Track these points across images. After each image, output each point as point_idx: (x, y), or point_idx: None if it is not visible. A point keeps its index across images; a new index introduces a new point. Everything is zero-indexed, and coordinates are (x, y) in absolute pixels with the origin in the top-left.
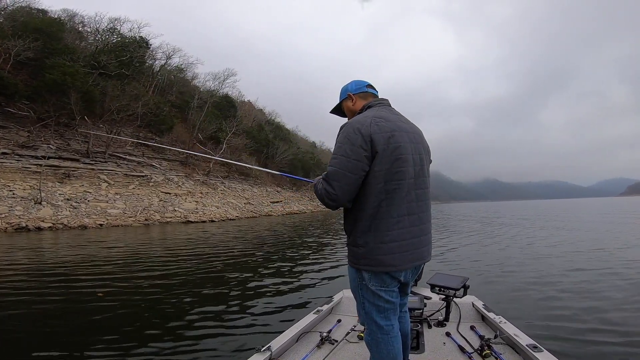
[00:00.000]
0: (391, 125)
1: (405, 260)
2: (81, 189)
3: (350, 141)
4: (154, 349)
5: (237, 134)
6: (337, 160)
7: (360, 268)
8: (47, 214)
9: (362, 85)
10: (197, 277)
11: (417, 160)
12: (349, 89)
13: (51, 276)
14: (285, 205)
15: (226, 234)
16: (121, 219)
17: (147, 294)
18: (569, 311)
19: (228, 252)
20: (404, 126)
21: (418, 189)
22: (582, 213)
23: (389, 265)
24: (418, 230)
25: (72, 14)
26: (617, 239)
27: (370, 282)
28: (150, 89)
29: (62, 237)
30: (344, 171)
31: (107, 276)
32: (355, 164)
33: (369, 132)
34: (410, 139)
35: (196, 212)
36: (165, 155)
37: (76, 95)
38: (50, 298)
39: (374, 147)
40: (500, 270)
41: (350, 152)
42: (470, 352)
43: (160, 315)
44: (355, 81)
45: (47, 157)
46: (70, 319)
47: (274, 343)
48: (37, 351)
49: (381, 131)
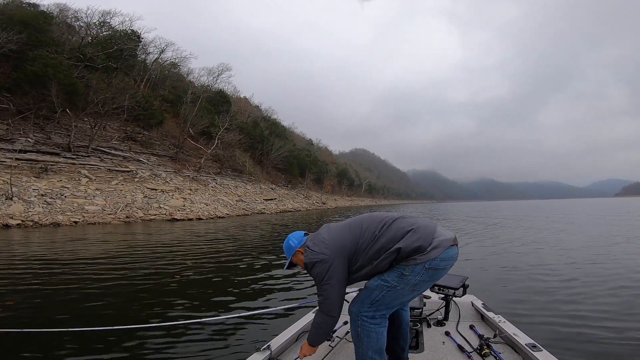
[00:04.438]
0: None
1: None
2: (58, 184)
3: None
4: (154, 349)
5: (230, 129)
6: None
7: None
8: (17, 210)
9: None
10: (196, 277)
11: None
12: (297, 245)
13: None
14: (279, 203)
15: (217, 232)
16: (99, 216)
17: (142, 293)
18: (569, 310)
19: (225, 250)
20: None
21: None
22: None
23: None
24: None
25: (64, 7)
26: (616, 238)
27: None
28: (141, 83)
29: (18, 236)
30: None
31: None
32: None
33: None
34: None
35: (183, 210)
36: (154, 150)
37: (57, 87)
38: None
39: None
40: (500, 270)
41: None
42: (470, 351)
43: (159, 315)
44: (294, 237)
45: (25, 150)
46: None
47: (274, 342)
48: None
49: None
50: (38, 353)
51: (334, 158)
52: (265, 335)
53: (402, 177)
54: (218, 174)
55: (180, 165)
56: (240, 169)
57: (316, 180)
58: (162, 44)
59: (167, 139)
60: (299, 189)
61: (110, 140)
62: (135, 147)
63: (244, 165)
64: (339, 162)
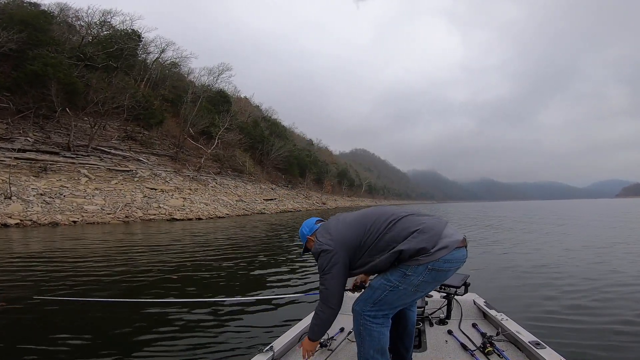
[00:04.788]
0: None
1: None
2: (58, 184)
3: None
4: (154, 350)
5: (231, 129)
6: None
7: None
8: (16, 209)
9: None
10: (195, 276)
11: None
12: (310, 232)
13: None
14: (279, 203)
15: (218, 231)
16: (98, 216)
17: (143, 292)
18: (571, 307)
19: (225, 250)
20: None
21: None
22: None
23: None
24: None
25: (65, 7)
26: (617, 237)
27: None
28: (142, 83)
29: (16, 235)
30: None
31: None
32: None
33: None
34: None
35: (183, 209)
36: (154, 150)
37: (57, 86)
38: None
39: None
40: (501, 268)
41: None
42: (473, 349)
43: (160, 317)
44: (308, 224)
45: (24, 150)
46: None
47: (276, 343)
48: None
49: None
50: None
51: (334, 158)
52: (268, 336)
53: (402, 177)
54: (218, 174)
55: (180, 165)
56: (240, 169)
57: (316, 180)
58: (162, 44)
59: (167, 138)
60: (299, 189)
61: (110, 140)
62: (135, 147)
63: (244, 165)
64: (339, 162)
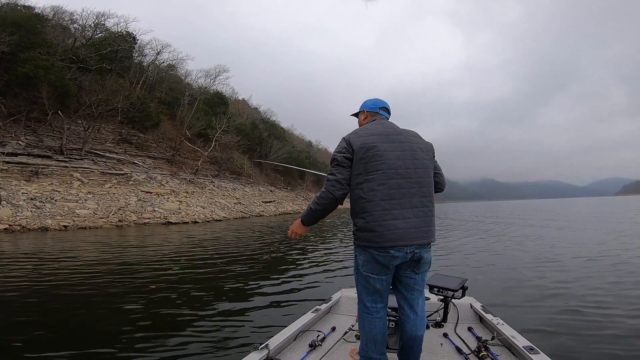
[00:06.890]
0: (370, 132)
1: (386, 239)
2: (49, 188)
3: (339, 146)
4: (151, 349)
5: (228, 131)
6: (334, 156)
7: (357, 245)
8: (5, 214)
9: (377, 106)
10: (194, 276)
11: (398, 156)
12: (366, 106)
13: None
14: (278, 205)
15: (215, 234)
16: (90, 220)
17: (139, 294)
18: (567, 313)
19: (223, 251)
20: (387, 131)
21: (400, 179)
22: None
23: (370, 241)
24: (398, 214)
25: (59, 9)
26: (616, 239)
27: (362, 268)
28: (137, 85)
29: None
30: (339, 162)
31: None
32: (342, 158)
33: (349, 139)
34: (390, 140)
35: (178, 213)
36: (150, 153)
37: (48, 88)
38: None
39: (351, 149)
40: (500, 272)
41: (340, 152)
42: (467, 353)
43: (157, 315)
44: (375, 100)
45: (16, 153)
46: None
47: (272, 342)
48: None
49: (357, 137)
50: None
51: None
52: (264, 334)
53: None
54: (216, 177)
55: (177, 168)
56: (238, 171)
57: (316, 181)
58: (158, 46)
59: (164, 141)
60: (298, 190)
61: (105, 143)
62: (130, 150)
63: (242, 167)
64: None
